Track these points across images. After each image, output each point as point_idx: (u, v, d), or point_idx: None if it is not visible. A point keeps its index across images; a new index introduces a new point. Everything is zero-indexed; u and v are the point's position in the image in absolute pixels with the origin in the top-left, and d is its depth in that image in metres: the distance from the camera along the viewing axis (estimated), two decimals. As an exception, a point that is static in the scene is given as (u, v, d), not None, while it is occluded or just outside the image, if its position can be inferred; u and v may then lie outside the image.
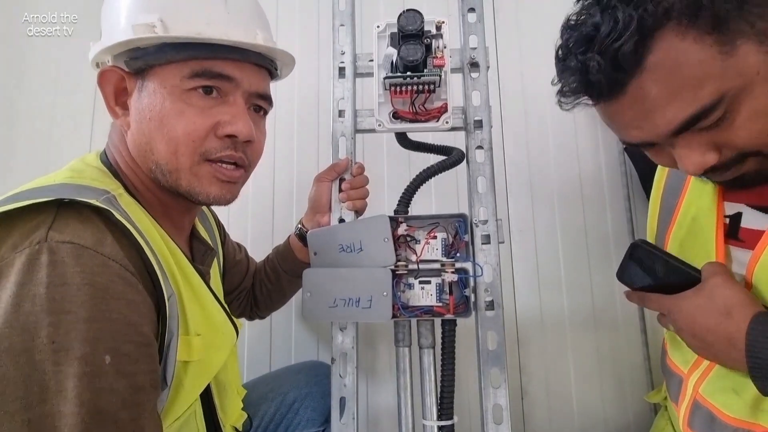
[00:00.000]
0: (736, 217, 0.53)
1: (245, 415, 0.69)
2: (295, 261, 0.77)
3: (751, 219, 0.52)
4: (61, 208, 0.42)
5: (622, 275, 0.59)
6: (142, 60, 0.51)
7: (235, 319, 0.63)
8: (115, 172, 0.54)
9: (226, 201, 0.56)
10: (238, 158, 0.55)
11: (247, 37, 0.54)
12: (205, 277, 0.58)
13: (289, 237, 0.80)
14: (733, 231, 0.53)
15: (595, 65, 0.43)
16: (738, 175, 0.48)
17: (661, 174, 0.67)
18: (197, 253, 0.62)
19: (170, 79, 0.51)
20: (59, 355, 0.37)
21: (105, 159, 0.55)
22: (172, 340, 0.47)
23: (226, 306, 0.61)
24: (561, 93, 0.49)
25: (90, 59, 0.55)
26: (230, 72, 0.53)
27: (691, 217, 0.58)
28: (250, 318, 0.86)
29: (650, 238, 0.67)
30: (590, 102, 0.49)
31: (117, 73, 0.52)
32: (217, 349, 0.57)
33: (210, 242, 0.66)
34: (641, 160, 0.91)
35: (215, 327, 0.56)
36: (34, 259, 0.38)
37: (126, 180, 0.54)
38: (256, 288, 0.82)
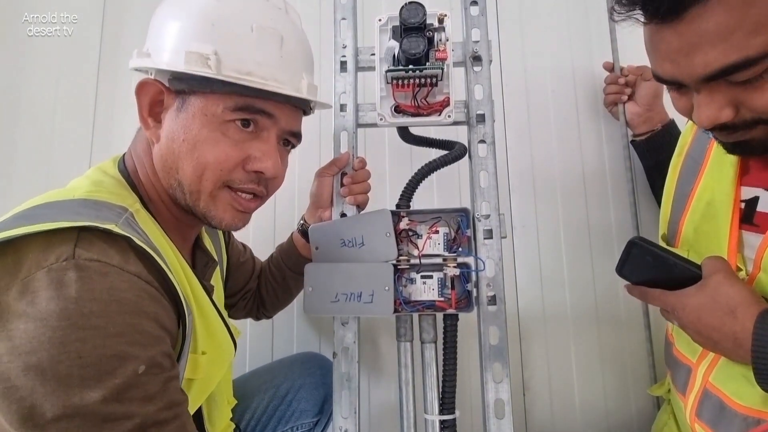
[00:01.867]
0: (753, 202, 0.53)
1: (233, 426, 0.70)
2: (298, 257, 0.77)
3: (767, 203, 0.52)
4: (83, 229, 0.42)
5: (622, 270, 0.58)
6: (186, 83, 0.51)
7: (233, 332, 0.63)
8: (132, 183, 0.54)
9: (236, 228, 0.58)
10: (259, 191, 0.57)
11: (293, 83, 0.55)
12: (210, 293, 0.58)
13: (292, 234, 0.80)
14: (748, 215, 0.53)
15: None
16: (743, 139, 0.48)
17: (676, 161, 0.66)
18: (199, 263, 0.62)
19: (212, 107, 0.51)
20: (87, 371, 0.37)
21: (123, 168, 0.56)
22: (182, 358, 0.47)
23: (227, 321, 0.62)
24: (617, 1, 0.47)
25: (131, 66, 0.55)
26: (271, 110, 0.54)
27: (706, 202, 0.58)
28: (257, 318, 0.86)
29: (663, 225, 0.67)
30: (641, 19, 0.47)
31: (157, 87, 0.52)
32: (217, 366, 0.57)
33: (213, 250, 0.66)
34: (647, 155, 0.91)
35: (218, 344, 0.57)
36: (62, 276, 0.38)
37: (143, 191, 0.54)
38: (261, 288, 0.82)
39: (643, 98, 0.89)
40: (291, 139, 0.60)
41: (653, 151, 0.89)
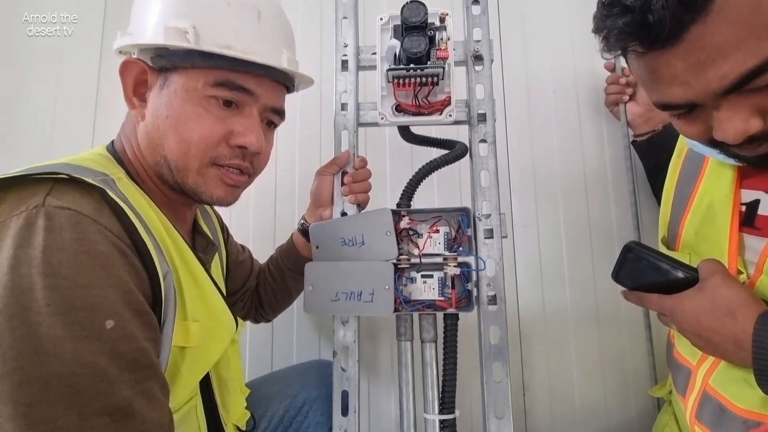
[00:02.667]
0: (754, 205, 0.52)
1: (248, 414, 0.69)
2: (298, 257, 0.77)
3: None
4: (57, 182, 0.42)
5: (618, 275, 0.58)
6: (167, 60, 0.52)
7: (235, 314, 0.62)
8: (120, 159, 0.55)
9: (228, 203, 0.58)
10: (245, 167, 0.57)
11: (273, 55, 0.56)
12: (206, 265, 0.58)
13: (292, 234, 0.80)
14: (749, 218, 0.53)
15: (660, 2, 0.39)
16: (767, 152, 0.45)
17: (675, 163, 0.66)
18: (199, 245, 0.63)
19: (193, 83, 0.52)
20: (55, 319, 0.37)
21: (111, 148, 0.57)
22: (167, 323, 0.46)
23: (226, 297, 0.61)
24: (606, 39, 0.45)
25: (114, 47, 0.56)
26: (251, 86, 0.55)
27: (706, 204, 0.57)
28: (256, 320, 0.85)
29: (663, 228, 0.67)
30: (639, 49, 0.44)
31: (140, 66, 0.53)
32: (215, 338, 0.57)
33: (212, 239, 0.66)
34: (648, 155, 0.91)
35: (214, 315, 0.57)
36: (31, 223, 0.39)
37: (130, 167, 0.55)
38: (260, 289, 0.82)
39: (644, 98, 0.89)
40: (273, 117, 0.60)
41: (654, 151, 0.88)
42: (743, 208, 0.53)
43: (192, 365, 0.51)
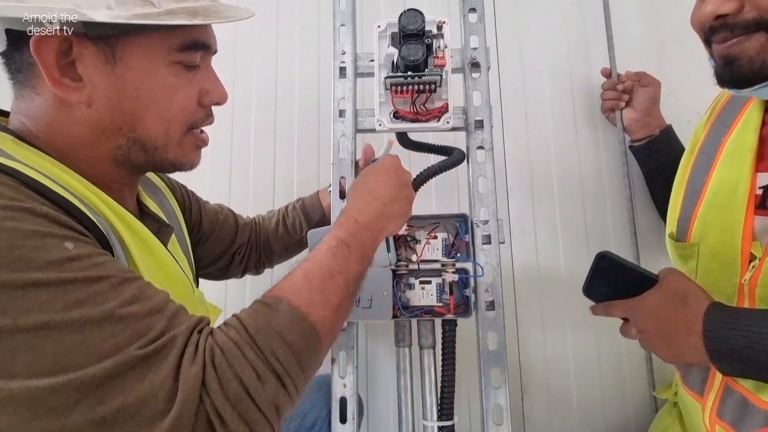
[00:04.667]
0: None
1: None
2: (323, 216, 0.79)
3: None
4: None
5: (588, 288, 0.61)
6: (112, 26, 0.42)
7: (208, 308, 0.60)
8: (22, 139, 0.45)
9: (196, 166, 0.55)
10: (211, 121, 0.54)
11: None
12: (163, 240, 0.54)
13: (318, 193, 0.81)
14: (764, 201, 0.54)
15: None
16: (736, 52, 0.48)
17: (687, 159, 0.67)
18: (150, 229, 0.55)
19: (156, 52, 0.46)
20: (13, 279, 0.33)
21: (4, 128, 0.46)
22: None
23: (191, 280, 0.58)
24: None
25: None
26: (210, 40, 0.51)
27: (720, 192, 0.59)
28: (257, 271, 0.85)
29: (671, 224, 0.68)
30: None
31: (58, 36, 0.42)
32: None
33: (164, 218, 0.61)
34: (647, 159, 0.91)
35: (176, 287, 0.52)
36: None
37: (42, 145, 0.45)
38: (272, 243, 0.82)
39: (640, 104, 0.90)
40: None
41: (654, 155, 0.90)
42: (760, 191, 0.55)
43: None
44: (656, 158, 0.89)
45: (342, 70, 0.73)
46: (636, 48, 1.02)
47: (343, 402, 0.65)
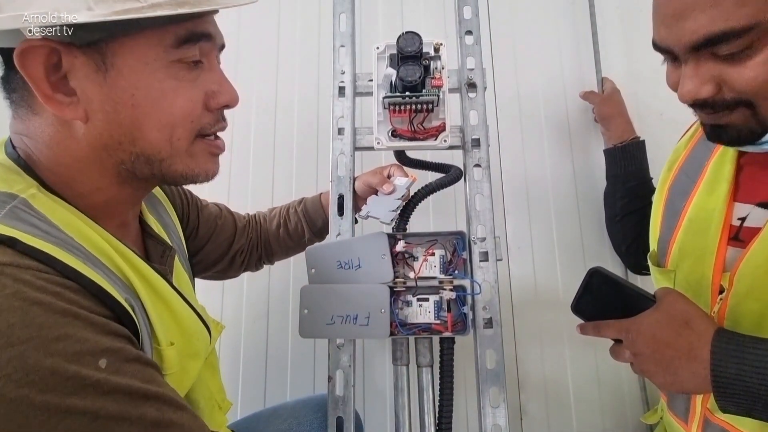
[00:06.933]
0: (745, 219, 0.53)
1: None
2: (326, 220, 0.78)
3: (755, 217, 0.52)
4: None
5: (577, 305, 0.58)
6: (100, 30, 0.39)
7: (209, 323, 0.59)
8: (28, 167, 0.43)
9: (215, 175, 0.51)
10: (224, 126, 0.50)
11: None
12: (167, 276, 0.51)
13: (320, 196, 0.81)
14: (738, 232, 0.54)
15: None
16: (722, 123, 0.48)
17: (665, 176, 0.67)
18: (154, 253, 0.54)
19: (150, 52, 0.41)
20: (36, 390, 0.31)
21: (13, 152, 0.43)
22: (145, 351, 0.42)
23: (196, 308, 0.57)
24: None
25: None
26: (211, 29, 0.45)
27: (696, 219, 0.58)
28: (256, 269, 0.84)
29: (653, 242, 0.67)
30: None
31: (46, 47, 0.39)
32: (192, 357, 0.52)
33: (165, 236, 0.59)
34: (621, 162, 0.92)
35: (188, 332, 0.51)
36: None
37: (47, 176, 0.43)
38: (273, 244, 0.81)
39: (598, 118, 0.99)
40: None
41: (626, 159, 0.92)
42: (738, 222, 0.54)
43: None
44: (627, 164, 0.92)
45: (341, 90, 0.74)
46: (625, 64, 1.05)
47: (340, 421, 0.65)
